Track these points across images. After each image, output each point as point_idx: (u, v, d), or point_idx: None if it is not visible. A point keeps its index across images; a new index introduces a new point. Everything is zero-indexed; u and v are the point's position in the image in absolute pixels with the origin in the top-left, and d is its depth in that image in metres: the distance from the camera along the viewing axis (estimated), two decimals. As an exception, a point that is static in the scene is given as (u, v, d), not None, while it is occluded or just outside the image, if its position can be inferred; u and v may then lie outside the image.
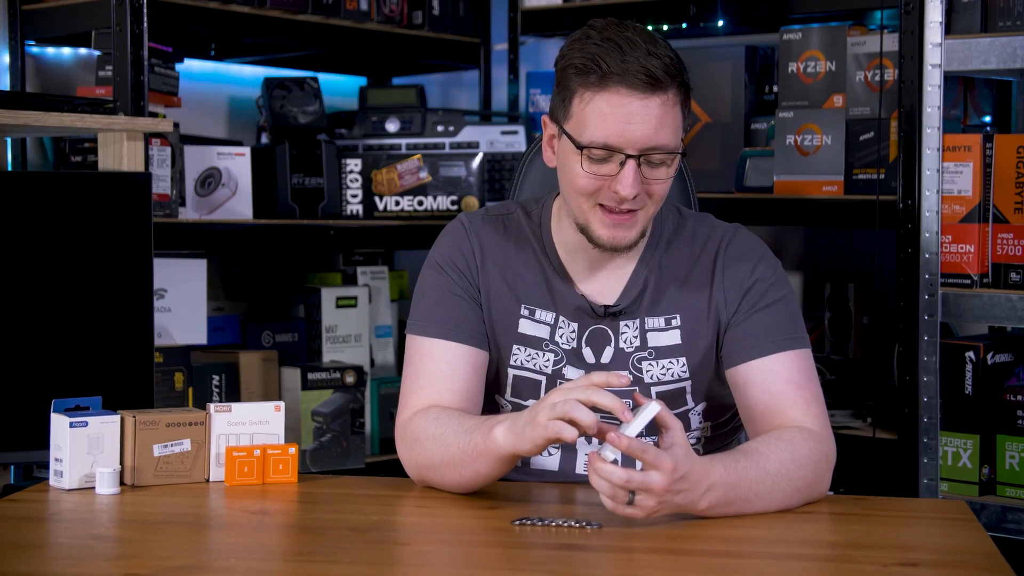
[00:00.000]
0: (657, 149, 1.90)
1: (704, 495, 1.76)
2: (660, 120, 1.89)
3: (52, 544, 1.76)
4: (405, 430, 1.98)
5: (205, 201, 3.11)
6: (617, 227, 1.94)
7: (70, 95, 2.99)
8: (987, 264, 2.78)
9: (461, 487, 1.93)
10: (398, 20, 3.49)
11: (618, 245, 1.96)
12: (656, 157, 1.90)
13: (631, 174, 1.89)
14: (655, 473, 1.71)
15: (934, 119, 2.79)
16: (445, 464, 1.91)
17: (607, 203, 1.93)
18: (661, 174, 1.92)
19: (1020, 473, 2.78)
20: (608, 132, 1.89)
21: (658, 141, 1.89)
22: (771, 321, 1.99)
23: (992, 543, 1.70)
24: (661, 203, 1.97)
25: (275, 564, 1.66)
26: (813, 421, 1.94)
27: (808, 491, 1.88)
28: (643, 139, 1.88)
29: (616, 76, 1.87)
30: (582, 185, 1.93)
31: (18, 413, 2.40)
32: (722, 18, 3.28)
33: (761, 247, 2.06)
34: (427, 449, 1.93)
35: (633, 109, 1.88)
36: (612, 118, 1.88)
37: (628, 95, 1.87)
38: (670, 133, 1.91)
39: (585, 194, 1.93)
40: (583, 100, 1.90)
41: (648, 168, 1.91)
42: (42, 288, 2.44)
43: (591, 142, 1.90)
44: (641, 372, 2.03)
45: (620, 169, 1.89)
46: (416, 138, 3.46)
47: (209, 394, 3.08)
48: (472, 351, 2.02)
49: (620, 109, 1.88)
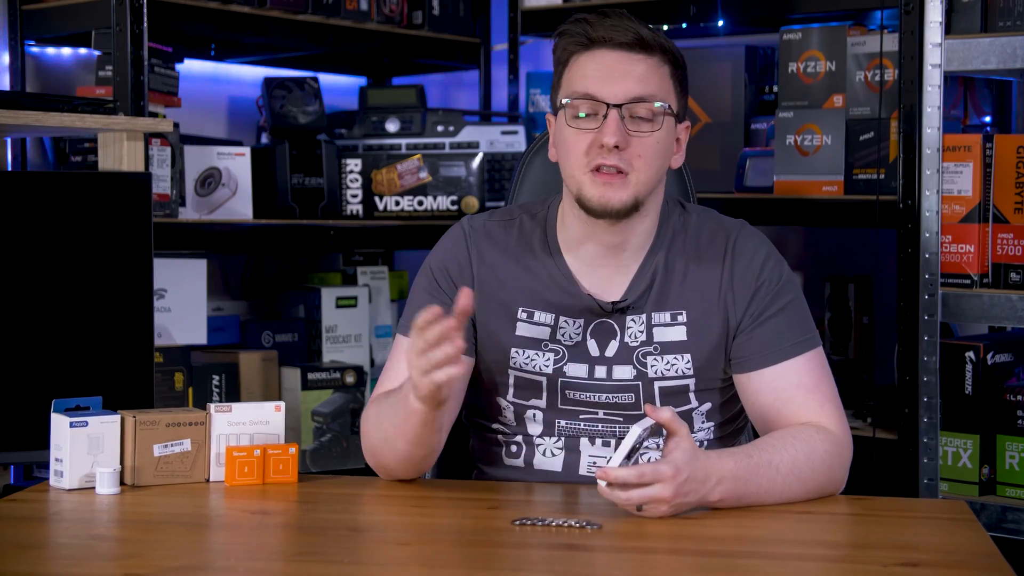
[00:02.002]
0: (640, 99, 1.93)
1: (715, 488, 1.80)
2: (644, 75, 1.94)
3: (52, 544, 1.75)
4: (364, 418, 2.03)
5: (205, 201, 3.11)
6: (607, 186, 1.95)
7: (70, 95, 2.98)
8: (987, 264, 2.78)
9: (400, 465, 1.97)
10: (398, 20, 3.49)
11: (609, 207, 1.95)
12: (640, 109, 1.93)
13: (613, 122, 1.92)
14: (658, 486, 1.75)
15: (934, 119, 2.79)
16: (384, 441, 1.96)
17: (597, 160, 1.94)
18: (646, 128, 1.94)
19: (1020, 473, 2.78)
20: (589, 84, 1.95)
21: (641, 92, 1.93)
22: (780, 327, 2.00)
23: (992, 543, 1.70)
24: (655, 168, 1.97)
25: (275, 564, 1.66)
26: (828, 420, 1.97)
27: (820, 490, 1.91)
28: (624, 90, 1.93)
29: (602, 38, 1.95)
30: (571, 143, 1.96)
31: (18, 413, 2.40)
32: (722, 18, 3.28)
33: (768, 245, 2.06)
34: (370, 432, 1.99)
35: (616, 62, 1.94)
36: (595, 72, 1.95)
37: (613, 52, 1.95)
38: (655, 88, 1.95)
39: (575, 155, 1.96)
40: (572, 65, 1.98)
41: (633, 122, 1.94)
42: (42, 288, 2.44)
43: (573, 93, 1.95)
44: (645, 367, 2.03)
45: (604, 121, 1.93)
46: (416, 138, 3.46)
47: (209, 394, 3.08)
48: None
49: (604, 64, 1.95)
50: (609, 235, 2.00)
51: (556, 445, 2.07)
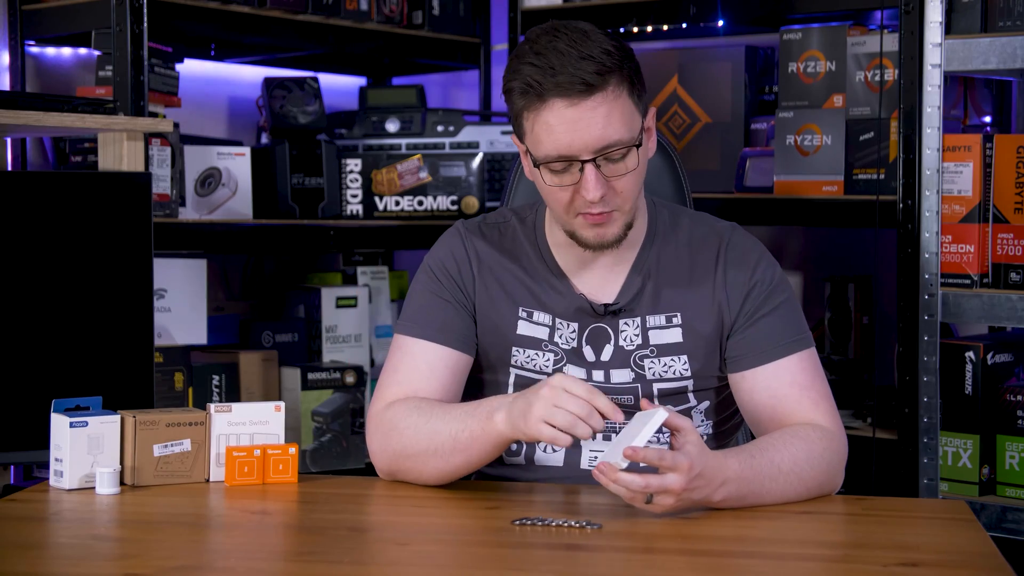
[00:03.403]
0: (611, 146, 1.91)
1: (719, 489, 1.80)
2: (607, 118, 1.90)
3: (52, 544, 1.75)
4: (380, 419, 1.99)
5: (205, 201, 3.11)
6: (598, 226, 1.96)
7: (70, 95, 2.98)
8: (987, 264, 2.78)
9: (441, 477, 1.95)
10: (398, 20, 3.49)
11: (604, 242, 1.98)
12: (613, 153, 1.92)
13: (592, 178, 1.91)
14: (673, 475, 1.75)
15: (934, 119, 2.79)
16: (431, 452, 1.93)
17: (582, 210, 1.95)
18: (622, 168, 1.93)
19: (1020, 473, 2.78)
20: (559, 144, 1.91)
21: (609, 139, 1.90)
22: (773, 326, 2.02)
23: (992, 543, 1.70)
24: (637, 195, 1.98)
25: (275, 564, 1.66)
26: (823, 418, 1.98)
27: (819, 489, 1.92)
28: (593, 141, 1.90)
29: (552, 91, 1.89)
30: (554, 199, 1.96)
31: (18, 413, 2.40)
32: (722, 18, 3.28)
33: (760, 247, 2.08)
34: (407, 437, 1.95)
35: (576, 115, 1.89)
36: (559, 129, 1.90)
37: (568, 104, 1.89)
38: (620, 127, 1.91)
39: (561, 207, 1.96)
40: (530, 119, 1.93)
41: (609, 165, 1.93)
42: (42, 288, 2.44)
43: (546, 156, 1.92)
44: (643, 369, 2.04)
45: (581, 175, 1.92)
46: (416, 138, 3.46)
47: (209, 394, 3.08)
48: (454, 354, 2.04)
49: (564, 119, 1.90)
50: None
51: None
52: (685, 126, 3.35)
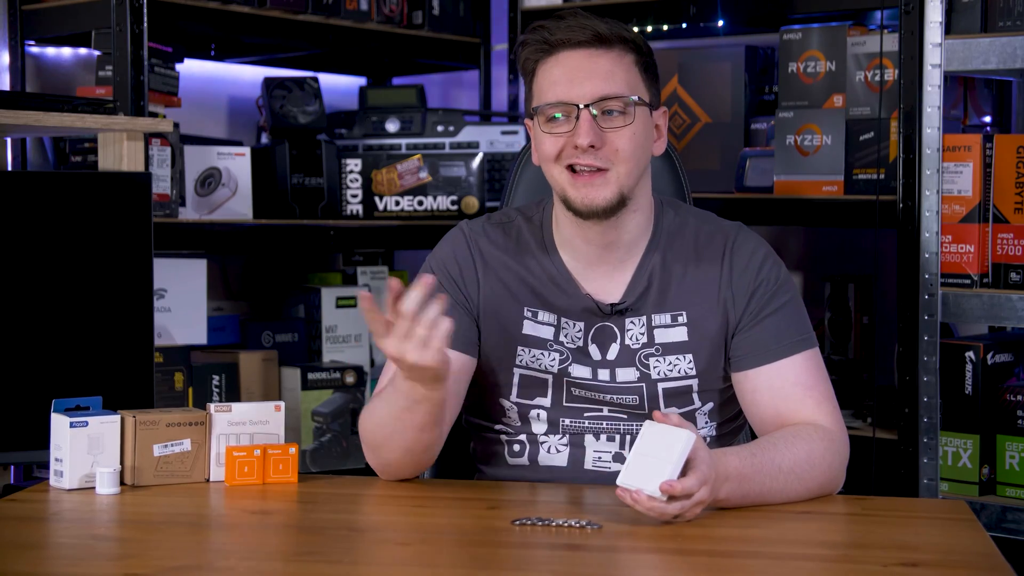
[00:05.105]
0: (608, 96, 1.95)
1: (721, 486, 1.81)
2: (609, 72, 1.96)
3: (52, 544, 1.76)
4: (361, 420, 2.02)
5: (205, 201, 3.11)
6: (589, 187, 1.97)
7: (70, 95, 2.98)
8: (987, 264, 2.78)
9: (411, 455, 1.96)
10: (398, 20, 3.49)
11: (593, 205, 1.97)
12: (611, 105, 1.95)
13: (585, 123, 1.94)
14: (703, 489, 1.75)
15: (934, 119, 2.79)
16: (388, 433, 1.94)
17: (571, 159, 1.96)
18: (619, 122, 1.96)
19: (1020, 473, 2.78)
20: (559, 90, 1.96)
21: (608, 90, 1.95)
22: (778, 326, 2.02)
23: (992, 543, 1.70)
24: (633, 161, 1.98)
25: (275, 564, 1.66)
26: (826, 418, 1.98)
27: (820, 489, 1.93)
28: (592, 89, 1.95)
29: (562, 41, 1.97)
30: (547, 149, 1.98)
31: (18, 413, 2.40)
32: (722, 18, 3.28)
33: (765, 247, 2.08)
34: (372, 430, 1.97)
35: (580, 63, 1.97)
36: (562, 76, 1.97)
37: (574, 52, 1.97)
38: (622, 84, 1.97)
39: (553, 158, 1.98)
40: (539, 73, 2.00)
41: (606, 119, 1.96)
42: (42, 288, 2.44)
43: (546, 103, 1.97)
44: (648, 368, 2.04)
45: (576, 123, 1.95)
46: (416, 138, 3.46)
47: (209, 394, 3.08)
48: (454, 355, 2.03)
49: (568, 66, 1.97)
50: (600, 234, 2.01)
51: (561, 442, 2.07)
52: (685, 126, 3.35)
